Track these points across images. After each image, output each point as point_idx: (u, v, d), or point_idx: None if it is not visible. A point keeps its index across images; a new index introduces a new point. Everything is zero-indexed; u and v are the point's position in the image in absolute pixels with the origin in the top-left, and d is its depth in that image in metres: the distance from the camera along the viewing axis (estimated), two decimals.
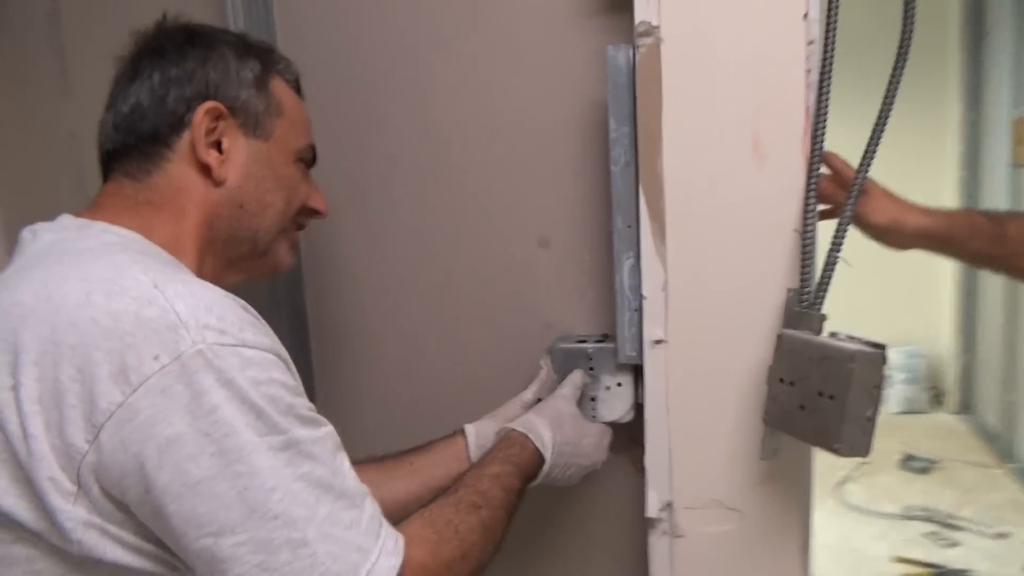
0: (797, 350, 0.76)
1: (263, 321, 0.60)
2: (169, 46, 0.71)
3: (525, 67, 0.93)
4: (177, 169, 0.69)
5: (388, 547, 0.57)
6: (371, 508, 0.59)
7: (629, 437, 0.93)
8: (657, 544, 0.90)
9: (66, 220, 0.66)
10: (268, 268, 0.79)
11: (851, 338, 0.74)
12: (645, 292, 0.86)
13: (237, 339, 0.54)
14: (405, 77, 0.97)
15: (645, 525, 0.90)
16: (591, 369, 0.93)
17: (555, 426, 0.82)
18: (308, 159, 0.79)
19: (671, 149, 0.82)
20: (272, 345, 0.58)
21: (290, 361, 0.60)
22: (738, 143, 0.80)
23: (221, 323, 0.54)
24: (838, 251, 0.77)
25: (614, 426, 0.92)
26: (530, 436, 0.79)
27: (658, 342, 0.86)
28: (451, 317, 1.01)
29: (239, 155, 0.71)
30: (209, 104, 0.69)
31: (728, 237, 0.82)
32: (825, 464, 1.14)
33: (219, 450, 0.51)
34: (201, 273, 0.68)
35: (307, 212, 0.80)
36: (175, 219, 0.68)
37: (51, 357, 0.51)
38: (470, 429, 0.90)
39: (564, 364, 0.93)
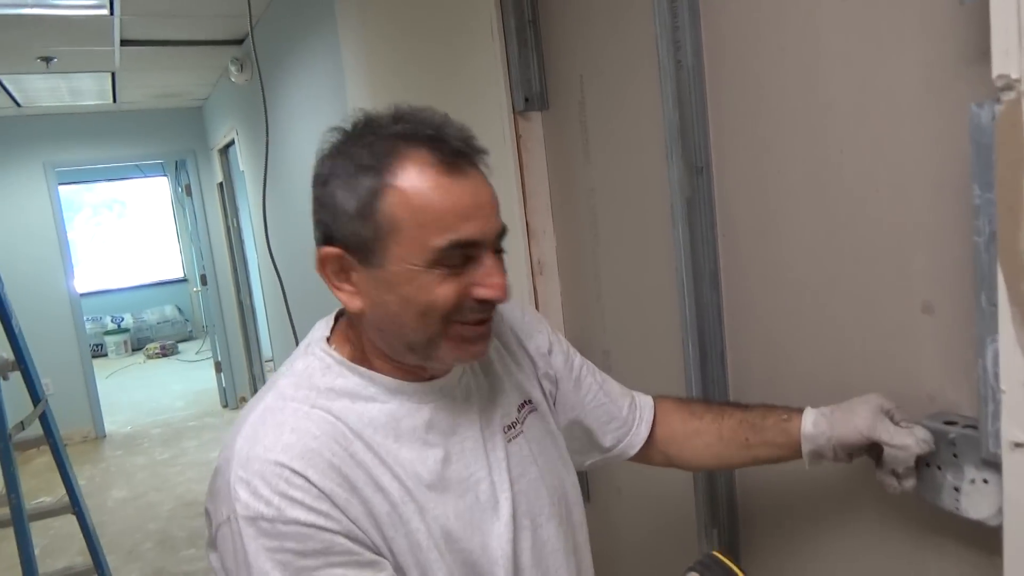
0: None
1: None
2: (315, 177, 0.77)
3: (899, 121, 0.87)
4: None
5: None
6: None
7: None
8: None
9: (318, 325, 0.85)
10: (442, 365, 0.80)
11: None
12: (1003, 386, 0.73)
13: (255, 511, 0.68)
14: (807, 142, 1.01)
15: None
16: (955, 456, 0.83)
17: None
18: (457, 255, 0.73)
19: None
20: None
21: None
22: None
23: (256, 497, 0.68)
24: None
25: (983, 528, 0.81)
26: None
27: (1019, 445, 0.73)
28: (833, 379, 1.01)
29: (364, 286, 0.75)
30: (325, 251, 0.75)
31: None
32: None
33: None
34: (391, 364, 0.79)
35: (472, 305, 0.76)
36: (359, 335, 0.80)
37: None
38: (808, 418, 0.90)
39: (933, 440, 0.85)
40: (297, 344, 0.86)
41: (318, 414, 0.74)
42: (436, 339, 0.75)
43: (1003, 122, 0.70)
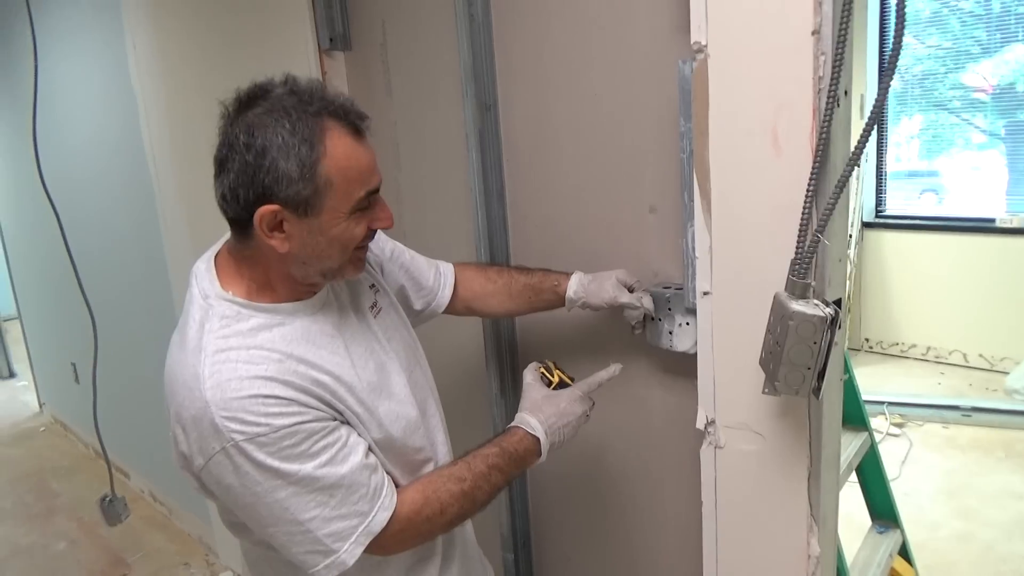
0: (777, 308, 0.95)
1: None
2: (236, 146, 0.89)
3: (635, 74, 1.20)
4: (259, 239, 0.93)
5: (385, 504, 0.96)
6: (375, 481, 0.96)
7: None
8: (705, 451, 1.15)
9: (200, 272, 0.99)
10: (340, 279, 1.04)
11: (818, 304, 0.91)
12: (696, 253, 1.09)
13: (252, 432, 0.88)
14: (572, 87, 1.32)
15: (697, 436, 1.16)
16: (669, 309, 1.20)
17: (536, 410, 1.13)
18: (366, 200, 0.95)
19: (715, 142, 1.03)
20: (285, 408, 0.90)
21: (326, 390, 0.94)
22: (761, 138, 0.99)
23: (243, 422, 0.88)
24: (821, 232, 0.92)
25: (684, 356, 1.18)
26: (521, 426, 1.11)
27: (706, 293, 1.10)
28: (588, 264, 1.35)
29: (297, 232, 0.92)
30: (264, 210, 0.89)
31: (754, 213, 1.01)
32: None
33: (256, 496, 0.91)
34: (293, 286, 0.98)
35: (368, 234, 0.98)
36: (264, 270, 0.97)
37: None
38: (572, 288, 1.26)
39: (654, 301, 1.22)
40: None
41: (256, 352, 0.93)
42: (344, 263, 0.99)
43: (697, 74, 1.04)
